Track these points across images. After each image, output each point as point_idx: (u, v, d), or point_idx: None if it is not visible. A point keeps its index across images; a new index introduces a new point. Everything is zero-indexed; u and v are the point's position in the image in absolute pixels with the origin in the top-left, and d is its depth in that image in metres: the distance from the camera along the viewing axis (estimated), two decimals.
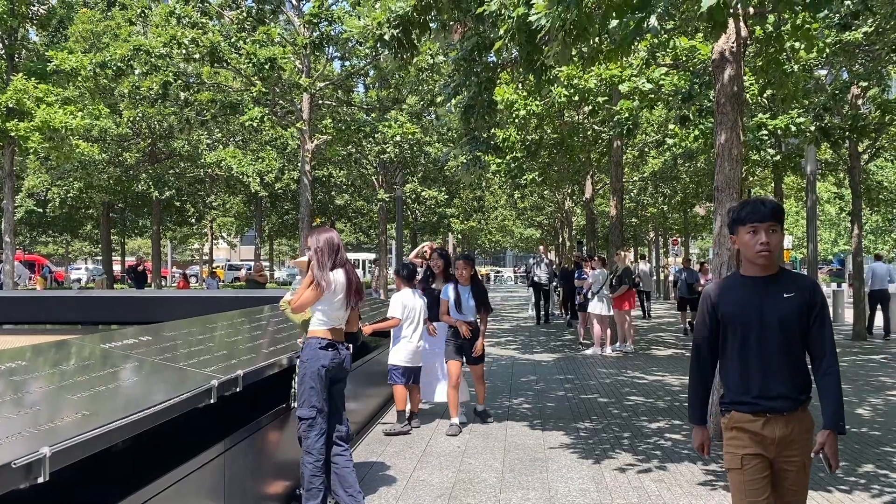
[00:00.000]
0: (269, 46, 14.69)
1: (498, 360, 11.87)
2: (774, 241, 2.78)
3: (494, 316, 22.50)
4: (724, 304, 2.86)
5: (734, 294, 2.85)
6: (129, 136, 26.26)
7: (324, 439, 4.31)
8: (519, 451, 6.17)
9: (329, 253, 4.43)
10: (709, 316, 2.92)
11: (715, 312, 2.89)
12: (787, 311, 2.76)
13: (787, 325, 2.76)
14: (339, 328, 4.51)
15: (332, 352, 4.37)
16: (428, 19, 6.32)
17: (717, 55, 6.78)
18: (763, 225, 2.77)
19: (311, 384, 4.29)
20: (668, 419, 7.46)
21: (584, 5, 4.70)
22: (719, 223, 6.73)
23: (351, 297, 4.51)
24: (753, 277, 2.84)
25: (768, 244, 2.76)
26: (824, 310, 2.80)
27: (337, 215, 35.59)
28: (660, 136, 16.60)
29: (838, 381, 2.77)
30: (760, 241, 2.76)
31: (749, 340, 2.80)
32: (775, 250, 2.79)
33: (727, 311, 2.84)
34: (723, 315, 2.86)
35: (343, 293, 4.46)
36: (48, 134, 17.06)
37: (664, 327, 18.35)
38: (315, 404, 4.28)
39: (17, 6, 18.08)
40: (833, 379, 2.75)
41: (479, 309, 7.18)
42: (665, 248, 38.97)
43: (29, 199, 30.24)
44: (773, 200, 2.84)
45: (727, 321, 2.85)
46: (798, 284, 2.81)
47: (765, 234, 2.76)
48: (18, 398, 2.90)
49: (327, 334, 4.40)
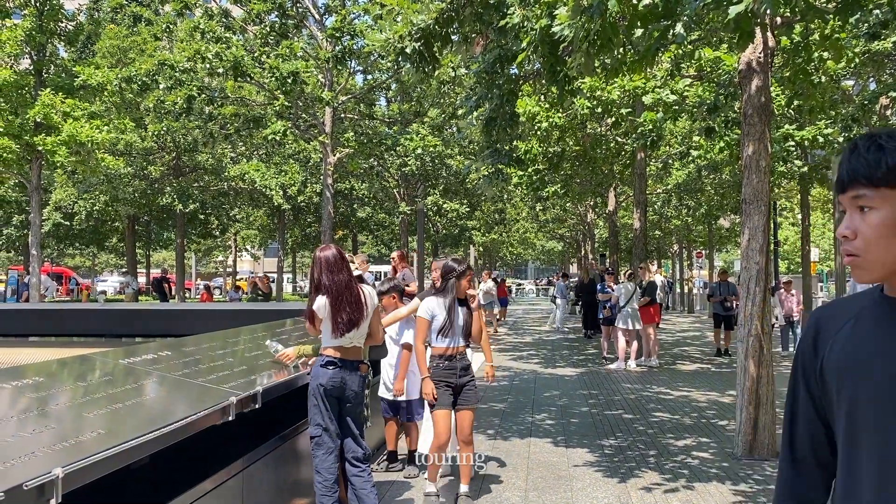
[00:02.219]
0: (291, 61, 14.80)
1: (520, 375, 11.75)
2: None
3: (516, 329, 22.35)
4: (836, 350, 1.39)
5: (862, 332, 1.36)
6: (153, 149, 26.57)
7: (332, 458, 4.24)
8: (542, 469, 6.05)
9: (312, 276, 4.37)
10: (807, 373, 1.46)
11: (819, 365, 1.42)
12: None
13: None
14: (350, 347, 4.35)
15: (333, 370, 4.26)
16: (450, 32, 6.29)
17: (744, 66, 6.67)
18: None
19: (314, 402, 4.24)
20: (695, 436, 7.30)
21: (609, 15, 4.63)
22: (747, 236, 6.59)
23: (337, 326, 4.23)
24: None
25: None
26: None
27: (359, 227, 35.70)
28: (684, 148, 16.45)
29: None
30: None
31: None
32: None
33: (840, 364, 1.36)
34: (834, 371, 1.38)
35: (329, 320, 4.25)
36: (75, 148, 17.32)
37: (689, 341, 18.09)
38: (319, 422, 4.21)
39: (45, 23, 18.41)
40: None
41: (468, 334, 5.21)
42: (689, 261, 38.58)
43: (56, 212, 30.63)
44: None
45: (840, 384, 1.36)
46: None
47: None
48: (37, 415, 2.87)
49: (332, 353, 4.32)
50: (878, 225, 1.28)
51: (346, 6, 15.76)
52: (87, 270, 54.26)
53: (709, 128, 9.91)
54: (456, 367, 5.06)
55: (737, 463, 6.27)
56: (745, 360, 6.52)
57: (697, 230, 29.70)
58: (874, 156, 1.27)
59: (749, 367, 6.47)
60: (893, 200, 1.27)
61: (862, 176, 1.28)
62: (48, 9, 18.65)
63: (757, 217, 6.49)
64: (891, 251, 1.28)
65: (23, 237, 33.39)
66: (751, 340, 6.50)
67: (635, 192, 15.01)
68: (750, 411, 6.44)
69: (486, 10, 6.03)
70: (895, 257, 1.28)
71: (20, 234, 34.07)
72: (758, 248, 6.50)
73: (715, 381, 11.04)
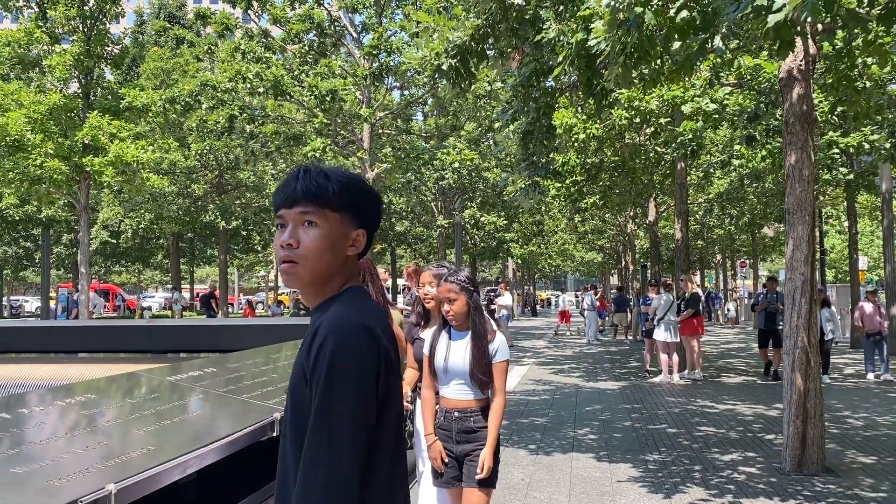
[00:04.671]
0: (330, 79, 15.02)
1: (561, 389, 11.66)
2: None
3: (557, 342, 22.18)
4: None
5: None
6: (197, 168, 27.15)
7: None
8: (585, 485, 5.99)
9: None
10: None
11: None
12: None
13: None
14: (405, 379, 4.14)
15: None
16: (485, 48, 6.33)
17: (785, 74, 6.57)
18: None
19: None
20: (741, 451, 7.15)
21: (645, 28, 4.61)
22: (791, 246, 6.47)
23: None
24: None
25: None
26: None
27: (397, 241, 35.89)
28: (725, 157, 16.21)
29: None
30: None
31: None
32: None
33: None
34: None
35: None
36: (121, 168, 17.80)
37: (734, 353, 17.75)
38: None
39: (93, 47, 19.00)
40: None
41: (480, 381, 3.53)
42: (732, 271, 37.90)
43: (103, 230, 31.49)
44: None
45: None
46: None
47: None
48: (88, 432, 2.95)
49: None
50: (318, 238, 1.49)
51: (382, 24, 15.93)
52: (133, 287, 55.52)
53: (750, 136, 9.76)
54: (451, 429, 3.55)
55: (785, 478, 6.12)
56: (792, 373, 6.38)
57: (741, 239, 29.17)
58: (323, 181, 1.50)
59: (796, 379, 6.33)
60: (334, 221, 1.50)
61: (312, 196, 1.49)
62: (95, 34, 19.24)
63: (801, 227, 6.37)
64: (323, 261, 1.49)
65: (72, 255, 34.39)
66: (797, 353, 6.37)
67: (676, 202, 14.82)
68: (798, 425, 6.29)
69: (522, 26, 6.05)
70: (327, 267, 1.50)
71: (69, 253, 35.09)
72: (802, 258, 6.37)
73: (761, 395, 10.81)
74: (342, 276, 1.55)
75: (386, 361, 1.41)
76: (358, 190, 1.55)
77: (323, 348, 1.38)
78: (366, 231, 1.59)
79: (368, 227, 1.59)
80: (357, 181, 1.57)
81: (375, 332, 1.42)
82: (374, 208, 1.60)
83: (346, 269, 1.56)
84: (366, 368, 1.38)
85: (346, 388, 1.35)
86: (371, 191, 1.60)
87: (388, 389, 1.42)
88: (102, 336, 10.41)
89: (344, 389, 1.35)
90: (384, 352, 1.42)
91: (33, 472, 2.51)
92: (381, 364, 1.40)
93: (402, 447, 1.54)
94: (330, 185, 1.52)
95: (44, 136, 17.60)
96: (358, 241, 1.56)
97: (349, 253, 1.56)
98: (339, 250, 1.53)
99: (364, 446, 1.36)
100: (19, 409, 3.57)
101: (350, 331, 1.40)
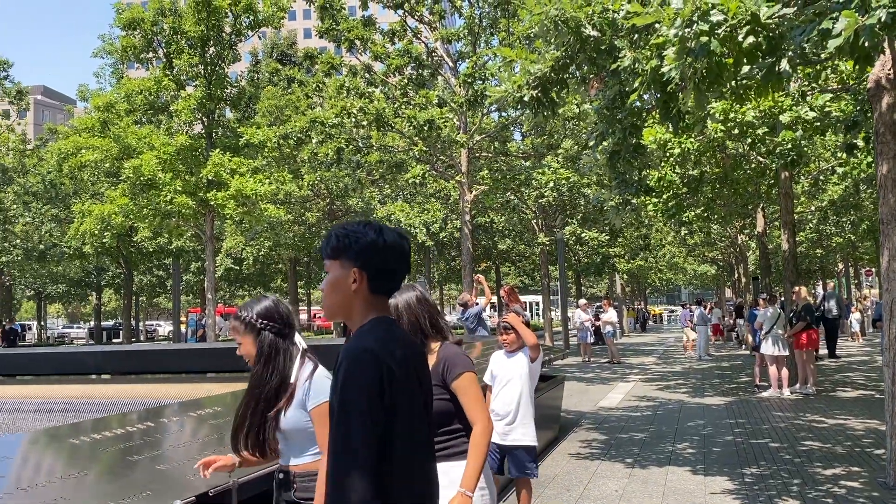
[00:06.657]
0: (428, 109, 15.69)
1: (665, 405, 11.62)
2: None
3: (666, 358, 21.83)
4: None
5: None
6: (310, 197, 28.72)
7: None
8: (678, 496, 6.12)
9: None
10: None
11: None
12: None
13: None
14: None
15: None
16: (565, 77, 6.64)
17: (873, 83, 6.52)
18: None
19: None
20: (845, 465, 7.03)
21: (713, 55, 4.80)
22: (887, 257, 6.38)
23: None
24: None
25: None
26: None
27: (501, 259, 36.31)
28: (835, 163, 15.64)
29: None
30: None
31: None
32: None
33: None
34: None
35: None
36: (241, 200, 19.21)
37: (854, 366, 16.93)
38: None
39: (213, 90, 20.63)
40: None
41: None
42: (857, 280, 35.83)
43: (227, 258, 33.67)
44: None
45: None
46: None
47: None
48: (216, 440, 3.51)
49: None
50: (326, 283, 1.92)
51: (476, 52, 16.48)
52: None
53: (850, 144, 9.52)
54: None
55: (888, 493, 6.02)
56: (893, 385, 6.27)
57: (864, 246, 27.62)
58: (326, 239, 1.92)
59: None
60: (334, 267, 1.90)
61: (322, 252, 1.95)
62: (215, 78, 20.90)
63: (895, 237, 6.27)
64: (331, 299, 1.91)
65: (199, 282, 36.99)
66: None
67: (782, 212, 14.43)
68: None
69: (599, 55, 6.33)
70: (336, 304, 1.90)
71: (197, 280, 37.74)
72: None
73: (876, 409, 10.38)
74: (363, 310, 1.88)
75: (388, 376, 1.75)
76: (353, 237, 1.87)
77: (338, 370, 1.78)
78: (361, 269, 1.86)
79: (366, 265, 1.86)
80: (352, 230, 1.89)
81: (377, 354, 1.75)
82: (369, 249, 1.86)
83: (363, 304, 1.87)
84: (366, 383, 1.73)
85: (353, 403, 1.73)
86: (368, 234, 1.88)
87: (395, 399, 1.76)
88: (228, 357, 11.40)
89: (351, 405, 1.73)
90: (386, 369, 1.75)
91: (173, 469, 3.09)
92: (383, 379, 1.74)
93: (422, 441, 1.85)
94: (329, 241, 1.91)
95: (173, 175, 19.26)
96: (356, 278, 1.86)
97: (353, 289, 1.86)
98: (342, 289, 1.87)
99: (374, 442, 1.71)
100: (160, 419, 4.22)
101: (353, 355, 1.76)
